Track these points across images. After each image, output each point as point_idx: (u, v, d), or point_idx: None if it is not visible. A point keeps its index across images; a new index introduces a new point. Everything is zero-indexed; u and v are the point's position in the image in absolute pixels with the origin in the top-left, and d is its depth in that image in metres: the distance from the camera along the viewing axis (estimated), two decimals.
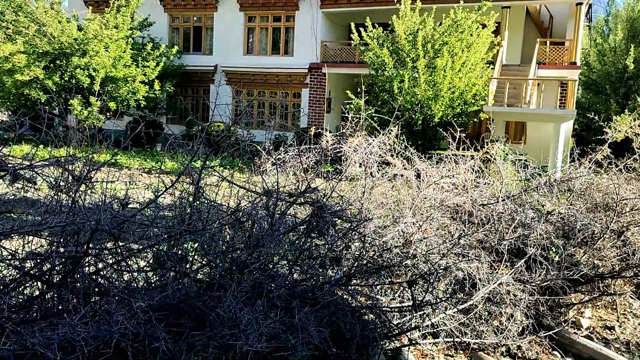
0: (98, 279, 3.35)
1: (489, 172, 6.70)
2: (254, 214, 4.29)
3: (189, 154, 4.19)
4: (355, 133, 5.63)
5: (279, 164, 5.20)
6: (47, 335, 2.76)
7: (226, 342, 3.10)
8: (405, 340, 4.69)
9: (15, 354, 2.69)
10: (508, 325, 5.02)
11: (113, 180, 4.21)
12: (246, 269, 3.64)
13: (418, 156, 6.09)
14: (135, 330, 2.85)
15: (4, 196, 3.50)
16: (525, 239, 5.50)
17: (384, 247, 4.85)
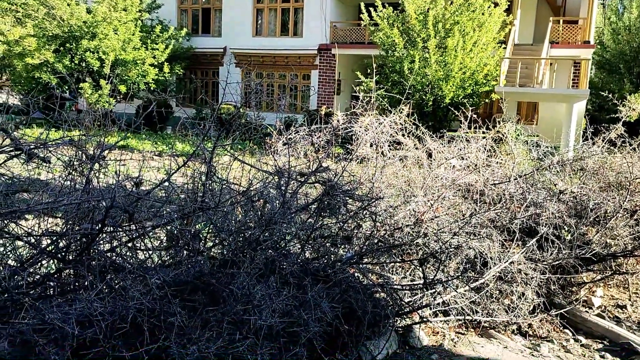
0: (113, 257, 3.40)
1: (500, 152, 6.66)
2: (266, 194, 4.31)
3: (200, 136, 4.21)
4: (366, 112, 5.60)
5: (290, 143, 5.20)
6: (65, 310, 2.81)
7: (240, 317, 3.14)
8: (417, 318, 4.72)
9: (34, 328, 2.75)
10: (519, 304, 5.04)
11: (125, 161, 4.24)
12: (259, 246, 3.66)
13: (429, 135, 6.06)
14: (151, 305, 2.89)
15: (19, 176, 3.54)
16: (537, 218, 5.48)
17: (395, 226, 4.86)
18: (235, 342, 3.07)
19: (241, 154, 4.94)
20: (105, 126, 4.24)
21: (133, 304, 2.84)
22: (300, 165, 4.89)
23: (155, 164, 11.57)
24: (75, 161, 3.51)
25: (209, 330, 3.03)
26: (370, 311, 4.01)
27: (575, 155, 6.76)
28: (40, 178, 4.20)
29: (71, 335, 2.71)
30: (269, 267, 3.61)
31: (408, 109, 5.89)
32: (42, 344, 2.69)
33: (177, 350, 2.88)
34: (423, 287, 4.55)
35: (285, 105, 19.45)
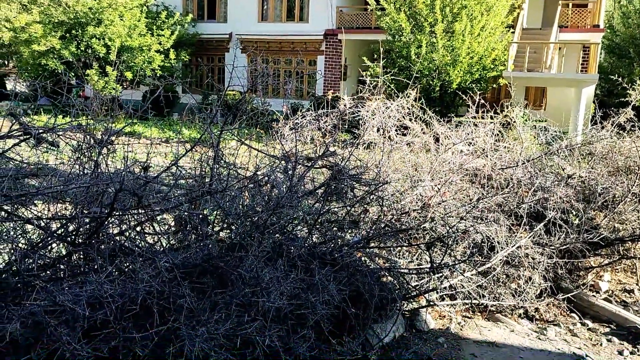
0: (122, 240, 3.42)
1: (508, 137, 6.63)
2: (273, 178, 4.32)
3: (207, 120, 4.21)
4: (373, 97, 5.58)
5: (296, 128, 5.20)
6: (75, 292, 2.84)
7: (248, 300, 3.17)
8: (423, 301, 4.74)
9: (45, 310, 2.78)
10: (526, 288, 5.05)
11: (132, 145, 4.26)
12: (266, 230, 3.68)
13: (437, 120, 6.04)
14: (160, 288, 2.92)
15: (28, 159, 3.57)
16: (545, 203, 5.46)
17: (402, 211, 4.86)
18: (243, 324, 3.10)
19: (248, 139, 4.95)
20: (113, 111, 4.24)
21: (142, 287, 2.87)
22: (307, 150, 4.89)
23: (162, 149, 11.61)
24: (83, 145, 3.52)
25: (218, 313, 3.06)
26: (377, 295, 4.03)
27: (584, 139, 6.72)
28: (49, 164, 4.23)
29: (82, 317, 2.74)
30: (276, 250, 3.62)
31: (415, 93, 5.87)
32: (54, 325, 2.73)
33: (186, 331, 2.91)
34: (430, 271, 4.56)
35: (292, 89, 19.37)
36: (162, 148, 12.69)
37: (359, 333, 3.95)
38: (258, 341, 3.10)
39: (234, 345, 3.10)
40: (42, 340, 2.80)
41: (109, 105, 4.10)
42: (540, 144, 6.64)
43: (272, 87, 20.41)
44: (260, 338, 3.09)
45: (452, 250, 4.84)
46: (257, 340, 3.10)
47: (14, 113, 3.20)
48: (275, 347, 3.16)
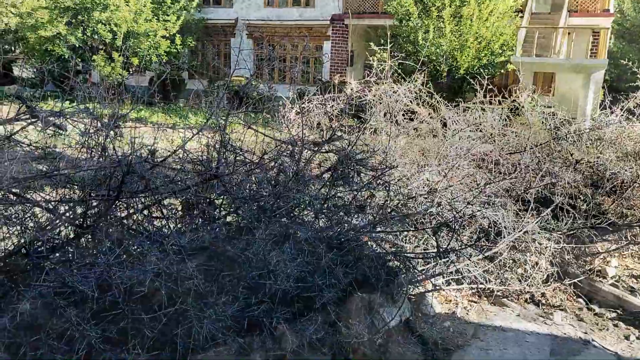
0: (130, 223, 3.44)
1: (516, 122, 6.58)
2: (280, 163, 4.32)
3: (213, 106, 4.20)
4: (380, 82, 5.55)
5: (303, 112, 5.18)
6: (84, 274, 2.87)
7: (255, 282, 3.19)
8: (429, 286, 4.75)
9: (54, 291, 2.81)
10: (532, 273, 5.04)
11: (139, 129, 4.25)
12: (273, 214, 3.69)
13: (444, 104, 6.00)
14: (168, 270, 2.94)
15: (37, 143, 3.58)
16: (552, 188, 5.44)
17: (409, 196, 4.85)
18: (250, 306, 3.12)
19: (254, 124, 4.93)
20: (120, 96, 4.24)
21: (150, 268, 2.89)
22: (314, 134, 4.88)
23: (169, 134, 11.59)
24: (90, 129, 3.53)
25: (225, 295, 3.08)
26: (383, 278, 4.04)
27: (593, 124, 6.66)
28: (57, 148, 4.24)
29: (91, 298, 2.77)
30: (283, 234, 3.63)
31: (423, 78, 5.82)
32: (63, 306, 2.76)
33: (194, 313, 2.93)
34: (436, 255, 4.56)
35: (298, 73, 19.26)
36: (169, 133, 12.68)
37: (365, 316, 3.96)
38: (265, 323, 3.13)
39: (241, 327, 3.12)
40: (51, 321, 2.83)
41: (116, 90, 4.10)
42: (548, 129, 6.59)
43: (277, 72, 20.30)
44: (267, 320, 3.11)
45: (459, 235, 4.84)
46: (264, 323, 3.13)
47: (21, 96, 3.21)
48: (282, 329, 3.18)
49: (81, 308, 2.83)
